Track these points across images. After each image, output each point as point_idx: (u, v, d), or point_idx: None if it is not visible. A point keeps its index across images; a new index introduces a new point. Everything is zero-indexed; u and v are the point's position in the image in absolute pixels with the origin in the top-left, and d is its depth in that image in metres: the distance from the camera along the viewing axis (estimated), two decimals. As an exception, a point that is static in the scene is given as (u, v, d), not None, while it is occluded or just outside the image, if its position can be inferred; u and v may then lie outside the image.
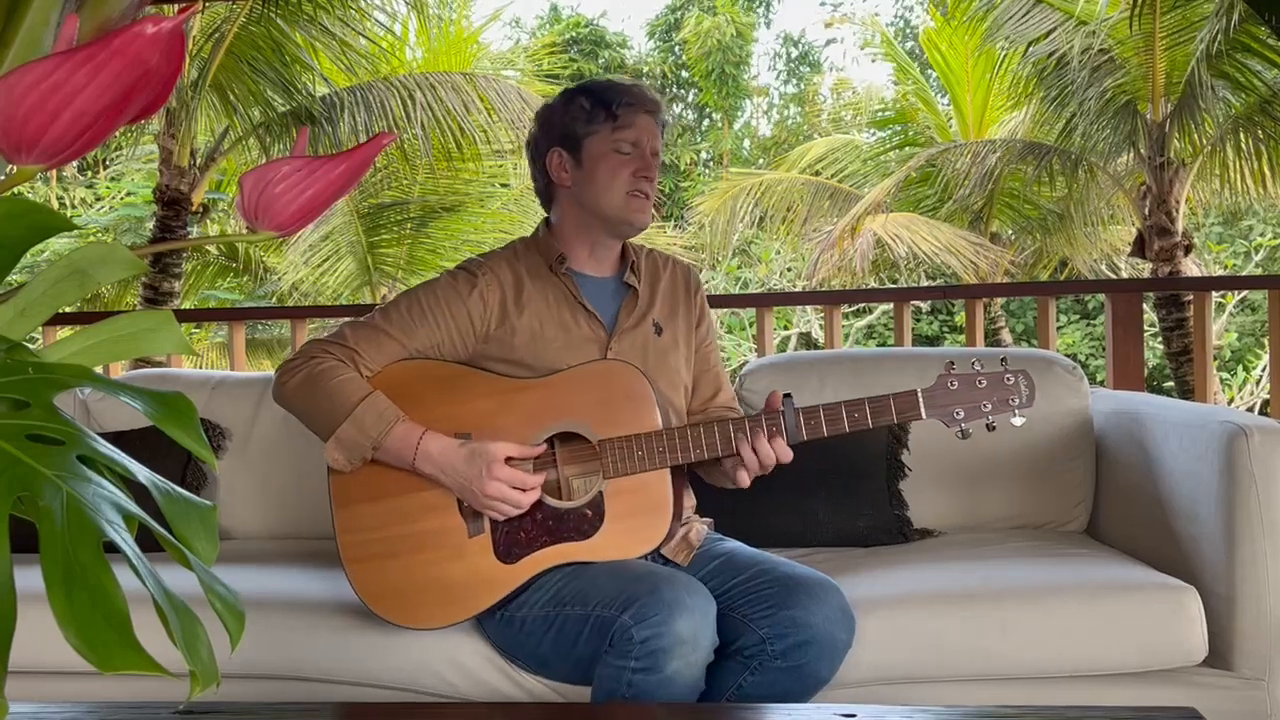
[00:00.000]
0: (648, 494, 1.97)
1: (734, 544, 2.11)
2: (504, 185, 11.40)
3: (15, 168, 0.66)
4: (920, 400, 1.96)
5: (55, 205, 12.71)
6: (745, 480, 1.97)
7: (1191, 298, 6.23)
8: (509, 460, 1.95)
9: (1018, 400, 1.96)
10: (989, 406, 1.95)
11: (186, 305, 10.11)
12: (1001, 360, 2.00)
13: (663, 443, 1.97)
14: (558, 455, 2.02)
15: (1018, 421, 1.95)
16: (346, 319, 2.23)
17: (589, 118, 2.09)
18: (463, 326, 2.08)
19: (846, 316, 13.43)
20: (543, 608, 1.94)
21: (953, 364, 1.99)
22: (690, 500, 2.16)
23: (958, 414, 1.95)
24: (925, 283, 12.41)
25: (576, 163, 2.11)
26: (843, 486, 2.50)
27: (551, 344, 2.07)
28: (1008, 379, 1.96)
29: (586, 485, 2.00)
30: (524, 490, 1.94)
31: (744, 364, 3.10)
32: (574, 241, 2.16)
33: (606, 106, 2.08)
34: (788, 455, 1.96)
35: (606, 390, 2.01)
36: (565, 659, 1.93)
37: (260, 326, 10.75)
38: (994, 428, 1.96)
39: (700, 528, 2.10)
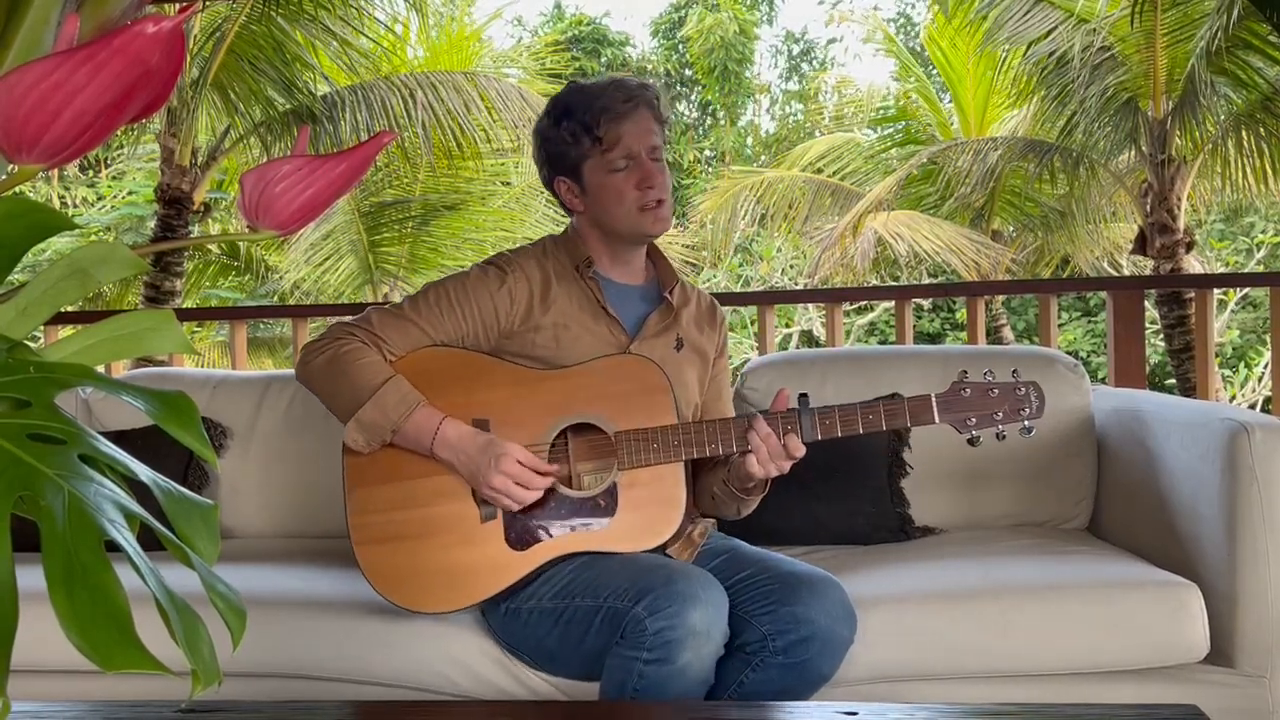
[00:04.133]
0: (661, 486, 1.99)
1: (737, 542, 2.12)
2: (505, 183, 11.41)
3: (16, 167, 0.66)
4: (934, 405, 1.98)
5: (57, 204, 12.71)
6: (755, 467, 1.96)
7: (1193, 295, 6.23)
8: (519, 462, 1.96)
9: (1028, 411, 1.98)
10: (1000, 415, 1.97)
11: (188, 304, 10.11)
12: (1013, 371, 2.01)
13: (678, 436, 1.98)
14: (571, 447, 2.03)
15: (1026, 434, 1.98)
16: (373, 304, 2.24)
17: (576, 143, 2.08)
18: (488, 321, 2.08)
19: (848, 314, 13.42)
20: (551, 600, 1.94)
21: (966, 372, 2.00)
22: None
23: (970, 420, 1.97)
24: (927, 280, 12.41)
25: (582, 189, 2.12)
26: (844, 484, 2.50)
27: (573, 345, 2.08)
28: (1019, 390, 1.99)
29: (598, 478, 2.02)
30: (528, 488, 1.95)
31: (745, 362, 3.10)
32: (598, 251, 2.16)
33: (588, 130, 2.06)
34: (800, 450, 1.96)
35: (625, 384, 2.02)
36: (574, 652, 1.93)
37: (262, 325, 10.75)
38: (1004, 437, 1.98)
39: (704, 526, 2.11)
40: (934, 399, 1.98)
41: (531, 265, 2.13)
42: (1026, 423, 1.98)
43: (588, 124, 2.06)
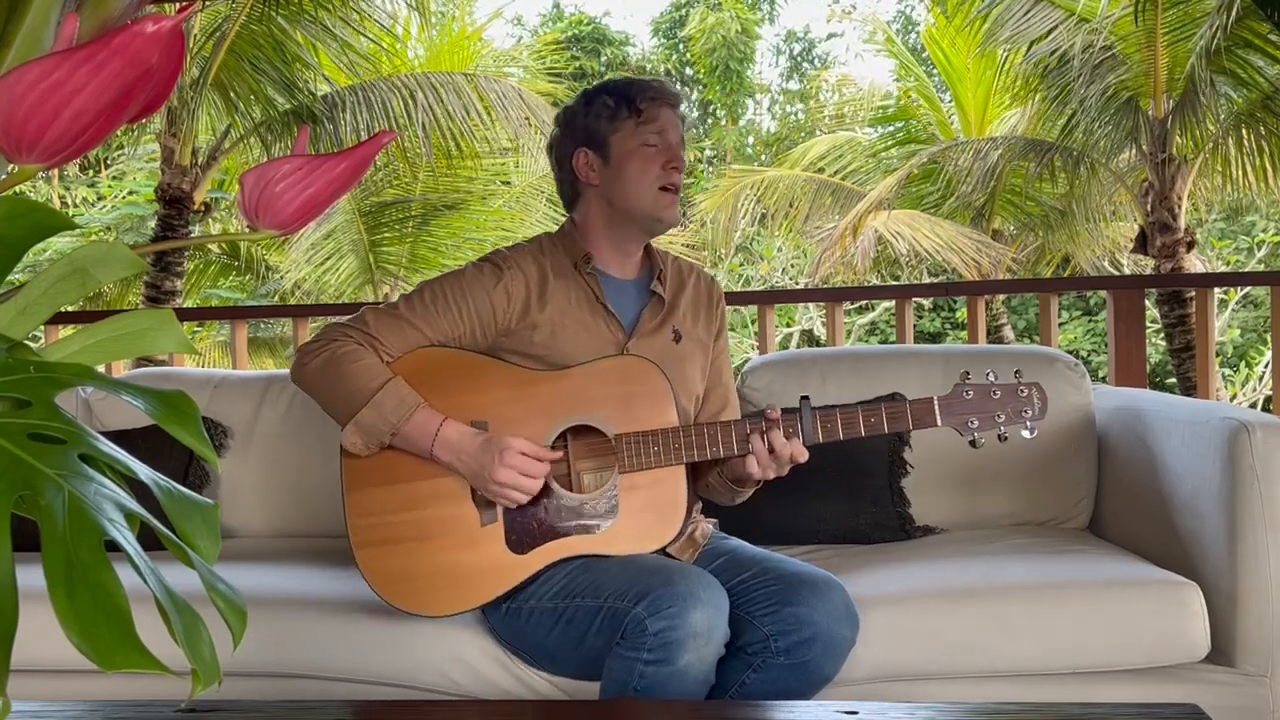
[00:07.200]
0: (662, 489, 1.98)
1: (738, 542, 2.12)
2: (505, 183, 11.41)
3: (16, 167, 0.66)
4: (936, 408, 1.97)
5: (57, 204, 12.72)
6: (754, 468, 1.96)
7: (1194, 294, 6.23)
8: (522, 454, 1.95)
9: (1030, 412, 1.98)
10: (1002, 417, 1.97)
11: (188, 304, 10.12)
12: (1016, 372, 2.01)
13: (679, 439, 1.97)
14: (571, 449, 2.02)
15: (1028, 434, 1.98)
16: (368, 304, 2.22)
17: (613, 115, 2.10)
18: (484, 318, 2.07)
19: (849, 314, 13.42)
20: (551, 600, 1.94)
21: (968, 374, 2.00)
22: (696, 501, 2.16)
23: (972, 423, 1.97)
24: (927, 279, 12.40)
25: (604, 161, 2.11)
26: (845, 484, 2.51)
27: (570, 342, 2.07)
28: (1021, 391, 1.98)
29: (598, 480, 2.01)
30: (534, 478, 1.94)
31: (746, 361, 3.10)
32: (600, 241, 2.15)
33: (630, 102, 2.10)
34: (803, 455, 1.96)
35: (624, 385, 2.01)
36: (574, 652, 1.93)
37: (262, 325, 10.76)
38: (1005, 438, 1.98)
39: (706, 527, 2.11)
40: (936, 402, 1.97)
41: (528, 262, 2.12)
42: (1029, 424, 1.97)
43: (630, 97, 2.10)
